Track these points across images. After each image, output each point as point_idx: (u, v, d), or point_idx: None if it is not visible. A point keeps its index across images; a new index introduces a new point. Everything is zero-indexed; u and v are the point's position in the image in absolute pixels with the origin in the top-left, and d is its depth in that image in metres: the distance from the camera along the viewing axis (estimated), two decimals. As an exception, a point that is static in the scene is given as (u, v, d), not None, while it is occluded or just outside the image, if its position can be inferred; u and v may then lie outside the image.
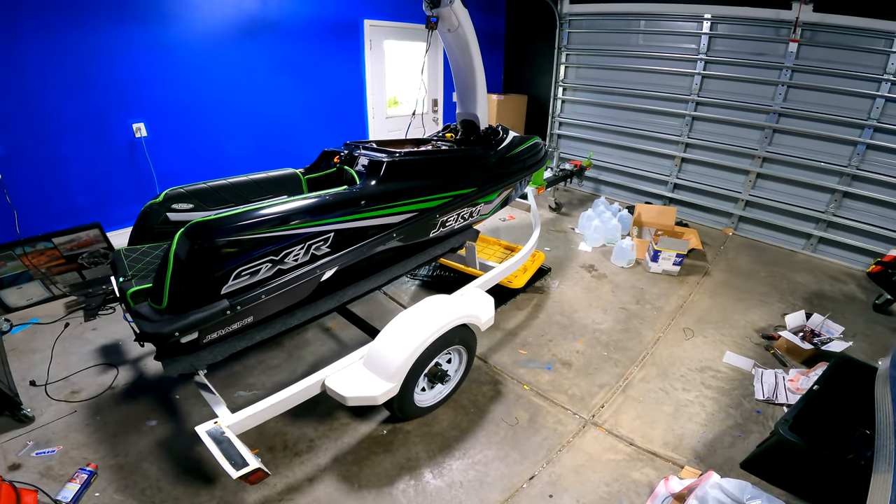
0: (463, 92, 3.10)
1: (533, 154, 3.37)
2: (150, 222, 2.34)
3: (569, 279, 4.12)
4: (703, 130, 5.52)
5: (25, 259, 3.33)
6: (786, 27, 4.60)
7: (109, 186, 4.10)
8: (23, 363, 2.90)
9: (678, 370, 3.00)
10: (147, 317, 1.78)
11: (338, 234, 2.09)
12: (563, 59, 6.56)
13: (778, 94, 4.81)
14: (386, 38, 5.72)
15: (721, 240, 5.21)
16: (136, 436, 2.38)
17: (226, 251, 1.77)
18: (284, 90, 5.01)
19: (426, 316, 2.30)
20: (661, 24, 5.56)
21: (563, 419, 2.58)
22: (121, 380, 2.78)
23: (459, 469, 2.25)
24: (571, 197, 6.47)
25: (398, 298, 3.72)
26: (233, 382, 2.75)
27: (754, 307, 3.76)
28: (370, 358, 2.19)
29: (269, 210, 1.89)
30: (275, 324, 2.16)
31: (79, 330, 3.26)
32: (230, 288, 1.83)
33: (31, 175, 3.65)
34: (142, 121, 4.09)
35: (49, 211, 3.77)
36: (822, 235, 4.82)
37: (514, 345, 3.19)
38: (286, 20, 4.78)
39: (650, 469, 2.27)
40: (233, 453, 1.73)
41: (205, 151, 4.59)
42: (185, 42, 4.17)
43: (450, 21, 2.72)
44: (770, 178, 5.12)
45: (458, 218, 2.84)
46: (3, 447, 2.29)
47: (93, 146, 3.91)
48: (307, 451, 2.31)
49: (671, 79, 5.60)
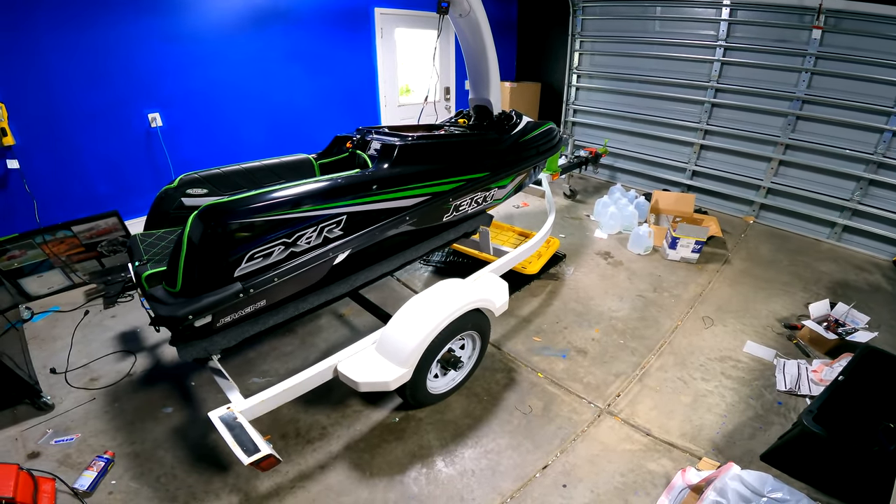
0: (475, 77, 3.05)
1: (547, 140, 3.31)
2: (166, 207, 2.36)
3: (584, 266, 4.06)
4: (722, 117, 5.39)
5: (45, 247, 3.39)
6: (809, 14, 4.45)
7: (127, 175, 4.16)
8: (44, 351, 2.96)
9: (697, 359, 2.93)
10: (161, 300, 1.78)
11: (350, 216, 2.07)
12: (576, 45, 6.46)
13: (801, 81, 4.67)
14: (397, 25, 5.69)
15: (742, 228, 5.09)
16: (153, 423, 2.41)
17: (239, 234, 1.76)
18: (296, 79, 5.03)
19: (439, 300, 2.27)
20: (677, 11, 5.42)
21: (577, 408, 2.54)
22: (138, 367, 2.82)
23: (472, 457, 2.23)
24: (586, 184, 6.39)
25: (411, 284, 3.70)
26: (247, 369, 2.77)
27: (776, 296, 3.67)
28: (382, 343, 2.18)
29: (282, 193, 1.88)
30: (287, 308, 2.16)
31: (98, 317, 3.32)
32: (243, 271, 1.82)
33: (49, 164, 3.72)
34: (157, 111, 4.14)
35: (68, 200, 3.84)
36: (847, 224, 4.67)
37: (528, 332, 3.15)
38: (296, 9, 4.79)
39: (667, 460, 2.22)
40: (245, 439, 1.73)
41: (219, 140, 4.64)
42: (198, 32, 4.21)
43: (461, 6, 2.68)
44: (793, 165, 4.97)
45: (472, 202, 2.81)
46: (23, 435, 2.32)
47: (110, 136, 3.97)
48: (319, 439, 2.31)
49: (689, 65, 5.46)
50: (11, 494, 1.77)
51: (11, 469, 1.85)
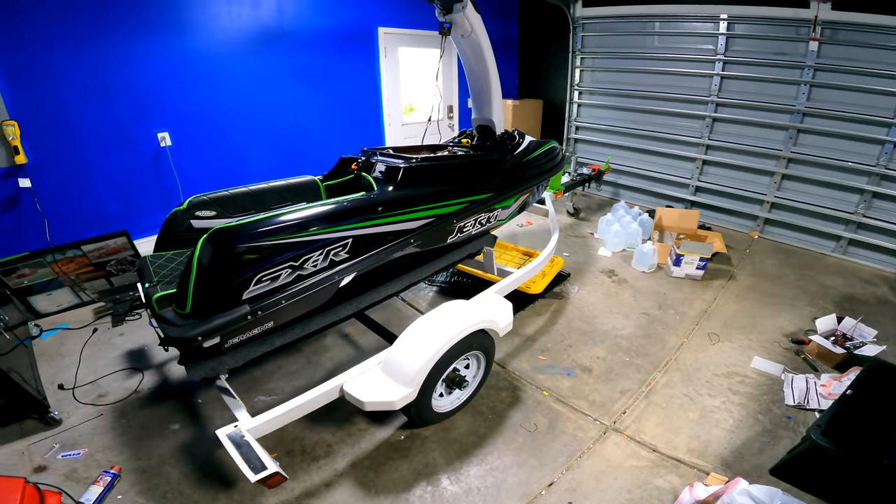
0: (478, 97, 3.10)
1: (549, 158, 3.35)
2: (175, 229, 2.40)
3: (588, 284, 4.07)
4: (724, 132, 5.42)
5: (55, 266, 3.42)
6: (805, 26, 4.50)
7: (136, 195, 4.20)
8: (52, 367, 2.99)
9: (703, 376, 2.92)
10: (171, 321, 1.81)
11: (356, 240, 2.11)
12: (577, 62, 6.54)
13: (801, 94, 4.71)
14: (400, 45, 5.78)
15: (746, 243, 5.09)
16: (159, 439, 2.42)
17: (247, 257, 1.80)
18: (301, 99, 5.10)
19: (444, 321, 2.30)
20: (676, 26, 5.50)
21: (583, 425, 2.54)
22: (146, 384, 2.84)
23: (477, 475, 2.23)
24: (590, 202, 6.41)
25: (416, 304, 3.72)
26: (253, 387, 2.78)
27: (783, 311, 3.66)
28: (388, 363, 2.20)
29: (289, 216, 1.92)
30: (294, 329, 2.19)
31: (107, 335, 3.35)
32: (251, 293, 1.86)
33: (60, 183, 3.76)
34: (166, 130, 4.20)
35: (78, 218, 3.88)
36: (852, 237, 4.66)
37: (533, 350, 3.16)
38: (302, 30, 4.87)
39: (674, 476, 2.21)
40: (252, 457, 1.75)
41: (226, 159, 4.69)
42: (206, 52, 4.28)
43: (463, 27, 2.73)
44: (796, 179, 4.99)
45: (476, 223, 2.84)
46: (29, 449, 2.34)
47: (120, 155, 4.02)
48: (325, 456, 2.32)
49: (689, 80, 5.52)
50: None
51: (18, 483, 1.85)
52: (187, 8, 4.08)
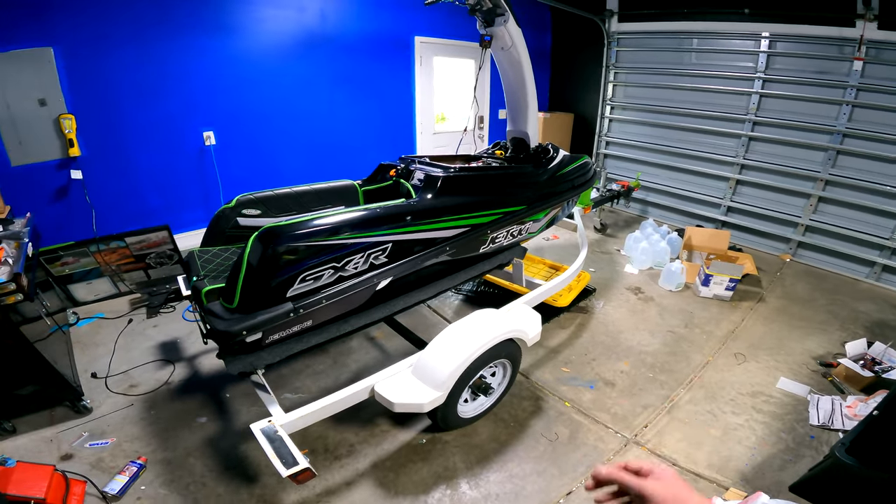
0: (514, 110, 3.13)
1: (582, 174, 3.36)
2: (223, 226, 2.48)
3: (614, 300, 4.05)
4: (760, 151, 5.33)
5: (98, 256, 3.55)
6: (850, 45, 4.42)
7: (178, 191, 4.36)
8: (86, 356, 3.08)
9: (728, 394, 2.89)
10: (219, 315, 1.88)
11: (395, 244, 2.17)
12: (611, 77, 6.52)
13: (842, 114, 4.61)
14: (435, 54, 5.87)
15: (778, 266, 4.99)
16: (186, 431, 2.47)
17: (294, 256, 1.87)
18: (338, 103, 5.22)
19: (476, 328, 2.34)
20: (715, 43, 5.44)
21: (604, 437, 2.54)
22: (176, 376, 2.92)
23: (496, 481, 2.24)
24: (617, 218, 6.37)
25: (442, 312, 3.76)
26: (280, 385, 2.84)
27: (812, 335, 3.59)
28: (419, 367, 2.24)
29: (334, 219, 1.98)
30: (330, 328, 2.24)
31: (141, 326, 3.45)
32: (295, 291, 1.92)
33: (109, 176, 3.93)
34: (211, 129, 4.35)
35: (122, 211, 4.05)
36: (887, 263, 4.53)
37: (556, 362, 3.16)
38: (342, 35, 4.99)
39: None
40: (284, 452, 1.79)
41: (264, 160, 4.82)
42: (252, 54, 4.43)
43: (503, 40, 2.77)
44: (832, 202, 4.87)
45: (508, 235, 2.87)
46: (58, 437, 2.39)
47: (166, 152, 4.19)
48: (347, 456, 2.35)
49: (726, 98, 5.45)
50: (43, 495, 1.81)
51: (47, 470, 1.91)
52: (236, 10, 4.23)
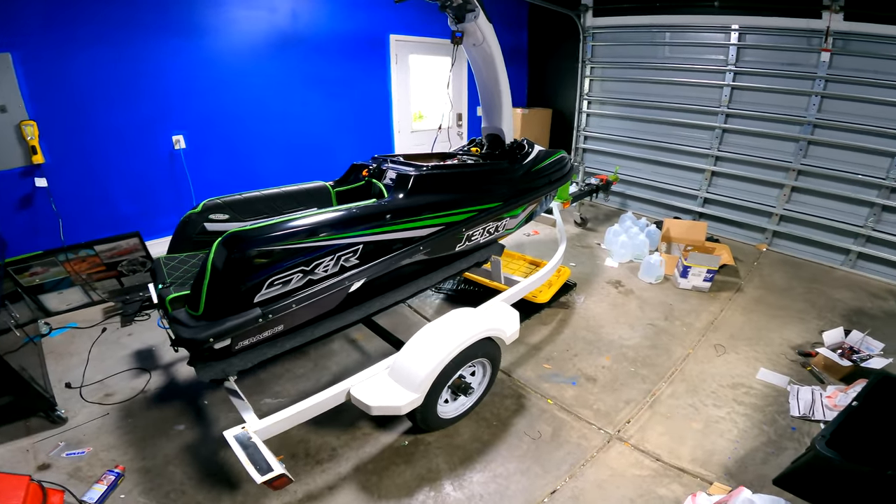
0: (488, 106, 3.12)
1: (559, 168, 3.36)
2: (189, 231, 2.43)
3: (595, 295, 4.07)
4: (734, 143, 5.42)
5: (67, 265, 3.47)
6: (817, 36, 4.50)
7: (149, 196, 4.25)
8: (60, 366, 3.02)
9: (709, 386, 2.92)
10: (184, 322, 1.84)
11: (366, 246, 2.14)
12: (587, 72, 6.57)
13: (812, 105, 4.70)
14: (411, 52, 5.83)
15: (754, 256, 5.07)
16: (164, 439, 2.44)
17: (260, 261, 1.83)
18: (313, 104, 5.14)
19: (451, 328, 2.32)
20: (687, 36, 5.52)
21: (587, 434, 2.54)
22: (153, 384, 2.86)
23: (480, 482, 2.23)
24: (597, 212, 6.41)
25: (422, 311, 3.74)
26: (260, 390, 2.80)
27: (790, 324, 3.64)
28: (395, 368, 2.21)
29: (301, 222, 1.95)
30: (304, 332, 2.21)
31: (115, 335, 3.38)
32: (263, 297, 1.88)
33: (76, 184, 3.80)
34: (181, 133, 4.24)
35: (91, 219, 3.92)
36: (862, 251, 4.64)
37: (538, 359, 3.16)
38: (315, 36, 4.92)
39: (677, 485, 2.21)
40: (258, 458, 1.77)
41: (238, 163, 4.73)
42: (222, 56, 4.33)
43: (475, 36, 2.76)
44: (806, 191, 4.97)
45: (484, 232, 2.86)
46: (34, 447, 2.36)
47: (135, 157, 4.07)
48: (329, 460, 2.33)
49: (699, 90, 5.53)
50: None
51: (23, 480, 1.86)
52: (205, 11, 4.13)
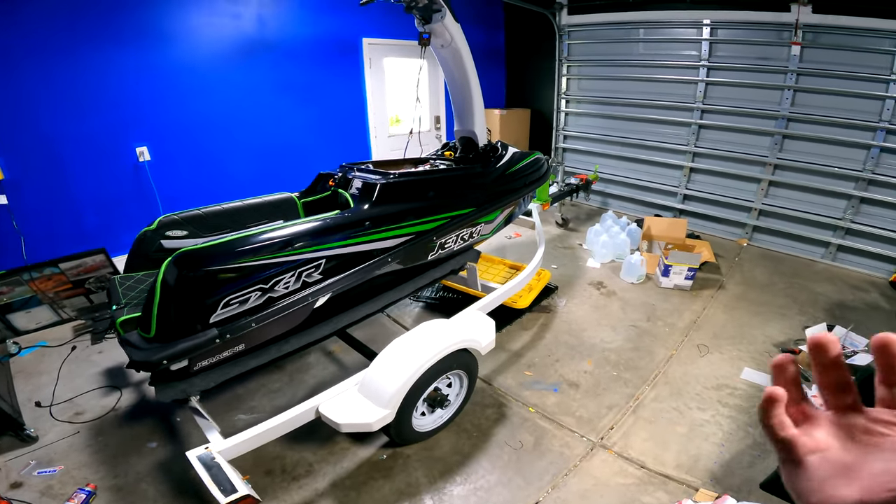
0: (460, 108, 3.07)
1: (534, 170, 3.31)
2: (145, 249, 2.34)
3: (576, 297, 4.03)
4: (710, 139, 5.43)
5: (33, 284, 3.37)
6: (787, 30, 4.51)
7: (115, 211, 4.14)
8: (30, 385, 2.97)
9: (693, 389, 2.88)
10: (136, 345, 1.77)
11: (329, 260, 2.07)
12: (564, 70, 6.56)
13: (785, 99, 4.72)
14: (385, 55, 5.76)
15: (735, 251, 5.07)
16: (137, 457, 2.40)
17: (213, 280, 1.76)
18: (285, 111, 5.04)
19: (421, 342, 2.25)
20: (660, 32, 5.52)
21: (569, 442, 2.49)
22: (124, 402, 2.81)
23: (461, 495, 2.18)
24: (578, 212, 6.39)
25: (401, 321, 3.67)
26: (234, 405, 2.74)
27: (773, 320, 3.63)
28: (365, 384, 2.15)
29: (257, 238, 1.87)
30: (269, 350, 2.14)
31: (85, 353, 3.30)
32: (219, 317, 1.81)
33: (38, 200, 3.70)
34: (145, 144, 4.13)
35: (56, 235, 3.82)
36: (841, 243, 4.66)
37: (519, 366, 3.11)
38: (284, 41, 4.82)
39: (662, 493, 2.17)
40: (222, 479, 1.72)
41: (207, 174, 4.62)
42: (185, 64, 4.22)
43: (443, 37, 2.70)
44: (783, 185, 4.99)
45: (458, 239, 2.79)
46: (5, 466, 2.33)
47: (98, 170, 3.96)
48: (305, 476, 2.28)
49: (675, 87, 5.53)
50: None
51: None
52: (166, 19, 4.03)
